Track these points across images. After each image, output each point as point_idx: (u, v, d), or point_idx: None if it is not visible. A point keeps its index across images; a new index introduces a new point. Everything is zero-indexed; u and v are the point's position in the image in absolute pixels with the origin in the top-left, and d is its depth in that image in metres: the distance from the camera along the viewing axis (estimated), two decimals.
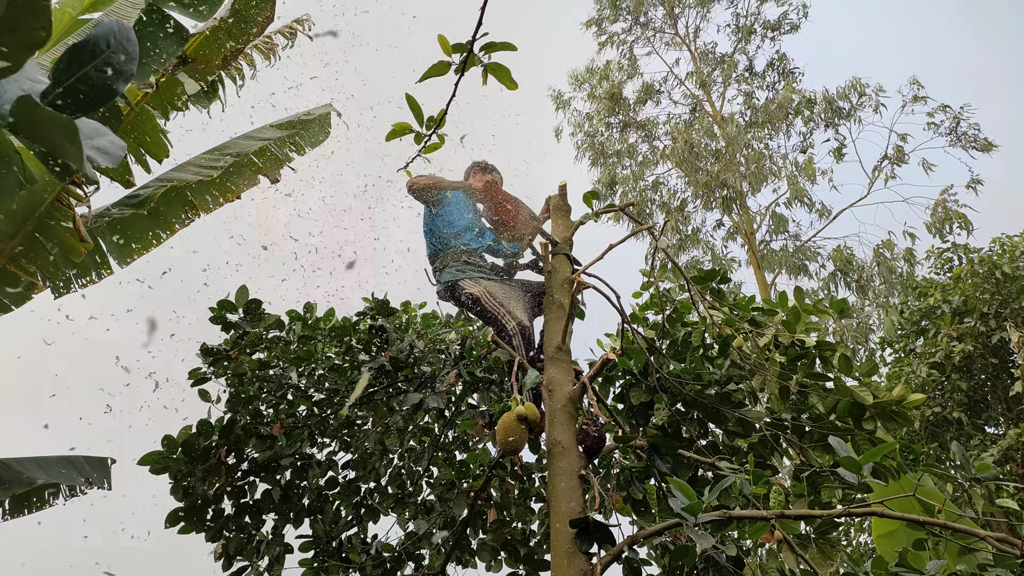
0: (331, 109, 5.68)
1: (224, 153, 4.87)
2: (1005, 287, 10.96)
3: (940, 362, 11.29)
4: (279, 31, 5.41)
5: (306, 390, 4.36)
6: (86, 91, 0.93)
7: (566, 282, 3.45)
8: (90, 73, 0.93)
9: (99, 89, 0.94)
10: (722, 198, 16.72)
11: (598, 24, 19.50)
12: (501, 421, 2.82)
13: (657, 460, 2.67)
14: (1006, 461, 10.05)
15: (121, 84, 0.95)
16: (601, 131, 18.53)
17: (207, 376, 4.15)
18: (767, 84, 18.23)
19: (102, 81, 0.95)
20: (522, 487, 4.23)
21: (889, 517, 2.25)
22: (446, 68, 2.00)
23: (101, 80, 0.95)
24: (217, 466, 3.96)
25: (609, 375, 3.84)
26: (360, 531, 4.22)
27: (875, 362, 3.41)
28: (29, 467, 3.80)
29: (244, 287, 4.30)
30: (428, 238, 4.12)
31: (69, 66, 0.93)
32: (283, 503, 4.11)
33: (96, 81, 0.94)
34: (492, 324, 3.70)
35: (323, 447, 4.43)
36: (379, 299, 4.41)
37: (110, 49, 0.95)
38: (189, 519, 3.92)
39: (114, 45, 0.95)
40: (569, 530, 2.39)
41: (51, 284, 4.25)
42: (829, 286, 16.10)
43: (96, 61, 0.94)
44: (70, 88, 0.92)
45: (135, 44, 0.99)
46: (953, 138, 15.66)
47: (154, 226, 4.68)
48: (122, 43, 0.96)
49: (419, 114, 2.15)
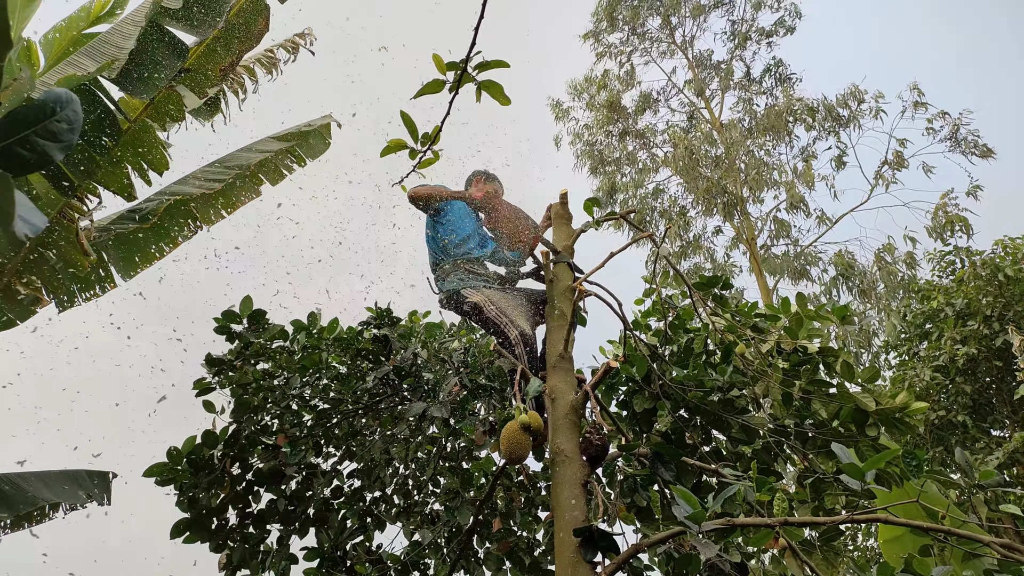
0: (331, 119, 5.72)
1: (226, 166, 4.91)
2: (1008, 289, 10.95)
3: (944, 365, 11.27)
4: (281, 45, 5.46)
5: (310, 400, 4.37)
6: (22, 155, 0.93)
7: (568, 290, 3.46)
8: (30, 137, 0.94)
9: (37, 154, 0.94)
10: (723, 204, 16.74)
11: (595, 36, 19.62)
12: (505, 430, 2.82)
13: (660, 468, 2.67)
14: (1012, 464, 10.02)
15: (58, 153, 0.95)
16: (600, 140, 18.61)
17: (211, 386, 4.16)
18: (765, 90, 18.28)
19: (40, 147, 0.95)
20: (527, 496, 4.23)
21: (894, 523, 2.25)
22: (440, 86, 2.02)
23: (39, 146, 0.95)
24: (222, 476, 3.97)
25: (612, 382, 3.84)
26: (365, 540, 4.22)
27: (877, 368, 3.41)
28: (33, 483, 3.81)
29: (248, 297, 4.31)
30: (430, 247, 4.13)
31: (10, 128, 0.93)
32: (288, 513, 4.12)
33: (35, 146, 0.94)
34: (494, 333, 3.71)
35: (328, 457, 4.44)
36: (382, 308, 4.42)
37: (54, 116, 0.96)
38: (194, 529, 3.92)
39: (59, 114, 0.95)
40: (573, 539, 2.39)
41: (55, 298, 4.28)
42: (831, 291, 16.10)
43: (37, 127, 0.95)
44: (6, 150, 0.92)
45: (80, 115, 0.98)
46: (952, 143, 15.69)
47: (157, 239, 4.71)
48: (67, 112, 0.96)
49: (413, 130, 2.17)
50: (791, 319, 3.48)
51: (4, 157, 0.93)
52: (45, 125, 0.96)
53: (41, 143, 0.95)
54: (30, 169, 0.95)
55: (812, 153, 17.24)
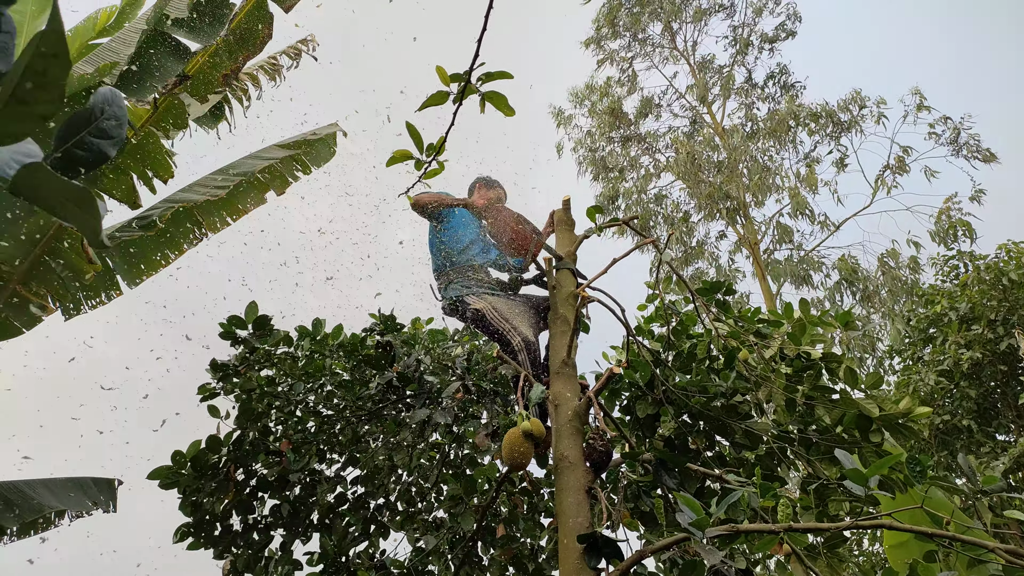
0: (337, 128, 5.74)
1: (231, 173, 4.93)
2: (1012, 293, 10.93)
3: (948, 369, 11.24)
4: (284, 52, 5.48)
5: (314, 406, 4.38)
6: (81, 156, 1.01)
7: (570, 297, 3.46)
8: (85, 138, 1.01)
9: (94, 153, 1.01)
10: (725, 209, 16.74)
11: (597, 43, 19.66)
12: (507, 437, 2.83)
13: (664, 474, 2.67)
14: (1018, 468, 9.98)
15: (112, 148, 1.03)
16: (603, 146, 18.63)
17: (216, 392, 4.18)
18: (768, 96, 18.31)
19: (96, 145, 1.02)
20: (531, 502, 4.23)
21: (898, 529, 2.25)
22: (444, 98, 2.04)
23: (95, 144, 1.02)
24: (226, 482, 3.98)
25: (615, 388, 3.85)
26: (370, 547, 4.22)
27: (880, 374, 3.40)
28: (39, 491, 3.83)
29: (253, 303, 4.33)
30: (433, 253, 4.14)
31: (67, 132, 1.00)
32: (292, 519, 4.12)
33: (91, 145, 1.01)
34: (497, 339, 3.71)
35: (332, 463, 4.44)
36: (385, 315, 4.44)
37: (103, 116, 1.03)
38: (198, 535, 3.93)
39: (107, 111, 1.03)
40: (577, 545, 2.40)
41: (61, 306, 4.30)
42: (834, 295, 16.08)
43: (91, 127, 1.02)
44: (67, 152, 1.00)
45: (124, 109, 1.06)
46: (954, 148, 15.70)
47: (163, 247, 4.73)
48: (113, 109, 1.04)
49: (419, 141, 2.19)
50: (794, 325, 3.48)
51: (66, 161, 1.00)
52: (97, 124, 1.02)
53: (96, 142, 1.02)
54: (89, 168, 1.03)
55: (815, 158, 17.25)
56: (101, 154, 1.01)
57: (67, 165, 0.99)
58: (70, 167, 0.99)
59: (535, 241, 3.99)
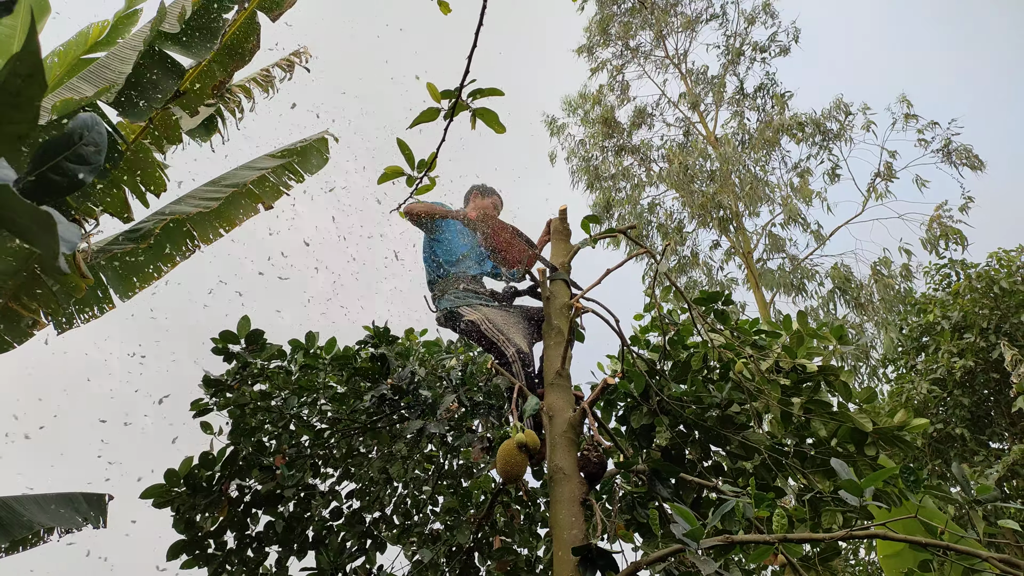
0: (328, 135, 5.74)
1: (223, 184, 4.92)
2: (1004, 302, 10.99)
3: (941, 378, 11.28)
4: (277, 64, 5.49)
5: (308, 419, 4.36)
6: (56, 180, 1.00)
7: (565, 307, 3.47)
8: (61, 163, 1.00)
9: (69, 178, 1.01)
10: (718, 219, 16.81)
11: (589, 51, 19.77)
12: (501, 449, 2.83)
13: (659, 485, 2.67)
14: (1011, 477, 10.00)
15: (88, 175, 1.02)
16: (596, 155, 18.70)
17: (209, 407, 4.15)
18: (758, 106, 18.42)
19: (72, 171, 1.01)
20: (527, 513, 4.22)
21: (893, 539, 2.25)
22: (435, 114, 2.05)
23: (71, 170, 1.01)
24: (219, 498, 3.95)
25: (610, 399, 3.85)
26: (366, 562, 4.19)
27: (873, 389, 3.41)
28: (29, 507, 3.79)
29: (246, 318, 4.32)
30: (427, 264, 4.14)
31: (44, 156, 1.00)
32: (287, 534, 4.09)
33: (66, 171, 1.01)
34: (491, 351, 3.71)
35: (326, 477, 4.42)
36: (379, 327, 4.43)
37: (82, 141, 1.02)
38: (192, 552, 3.90)
39: (86, 137, 1.02)
40: (572, 557, 2.39)
41: (53, 320, 4.28)
42: (828, 304, 16.13)
43: (68, 152, 1.01)
44: (41, 176, 0.99)
45: (104, 136, 1.05)
46: (944, 154, 15.82)
47: (155, 260, 4.71)
48: (92, 135, 1.03)
49: (410, 157, 2.19)
50: (791, 337, 3.48)
51: (39, 185, 0.99)
52: (75, 150, 1.02)
53: (72, 167, 1.02)
54: (63, 193, 1.02)
55: (807, 168, 17.36)
56: (76, 180, 1.01)
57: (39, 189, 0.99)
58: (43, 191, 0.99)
59: (528, 255, 3.99)
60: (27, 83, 0.89)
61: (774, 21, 18.73)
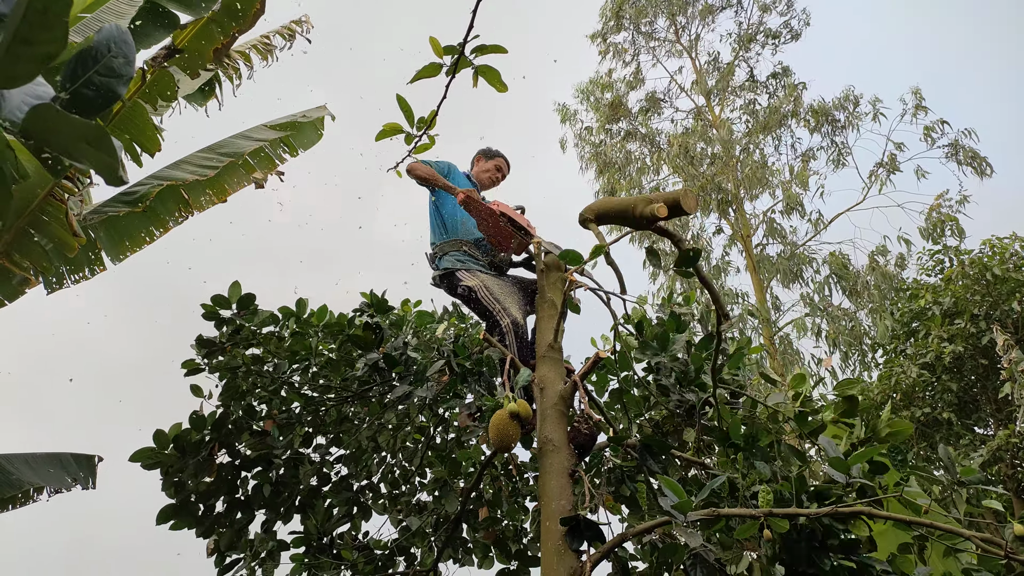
0: (325, 111, 5.69)
1: (219, 152, 4.88)
2: (995, 288, 11.05)
3: (930, 363, 11.37)
4: (277, 32, 5.42)
5: (300, 386, 4.36)
6: (91, 95, 0.98)
7: (559, 280, 3.46)
8: (93, 78, 0.98)
9: (103, 92, 0.99)
10: (717, 201, 16.78)
11: (602, 37, 19.62)
12: (493, 418, 2.83)
13: (648, 459, 2.68)
14: (995, 462, 10.13)
15: (122, 87, 1.00)
16: (604, 140, 18.63)
17: (200, 367, 4.13)
18: (769, 91, 18.34)
19: (104, 84, 0.99)
20: (514, 485, 4.24)
21: (877, 516, 2.28)
22: (437, 70, 2.01)
23: (103, 83, 0.99)
24: (209, 461, 3.95)
25: (602, 372, 3.85)
26: (352, 528, 4.22)
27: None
28: (19, 466, 3.80)
29: (237, 283, 4.29)
30: (432, 221, 4.13)
31: (75, 72, 0.98)
32: (274, 498, 4.11)
33: (99, 85, 0.99)
34: (485, 319, 3.71)
35: (316, 447, 4.42)
36: (376, 296, 4.41)
37: (110, 53, 1.00)
38: (181, 515, 3.91)
39: (114, 49, 1.00)
40: (559, 527, 2.41)
41: (44, 279, 4.25)
42: (823, 289, 16.18)
43: (98, 66, 0.99)
44: (76, 93, 0.97)
45: (132, 47, 1.03)
46: (951, 151, 15.79)
47: (148, 223, 4.68)
48: (120, 47, 1.01)
49: (409, 115, 2.16)
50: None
51: (75, 101, 0.97)
52: (104, 63, 1.00)
53: (104, 81, 0.99)
54: (100, 108, 1.00)
55: (811, 155, 17.33)
56: (111, 93, 0.99)
57: (77, 105, 0.97)
58: (80, 107, 0.97)
59: (519, 241, 3.92)
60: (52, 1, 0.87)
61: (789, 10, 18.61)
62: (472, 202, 3.81)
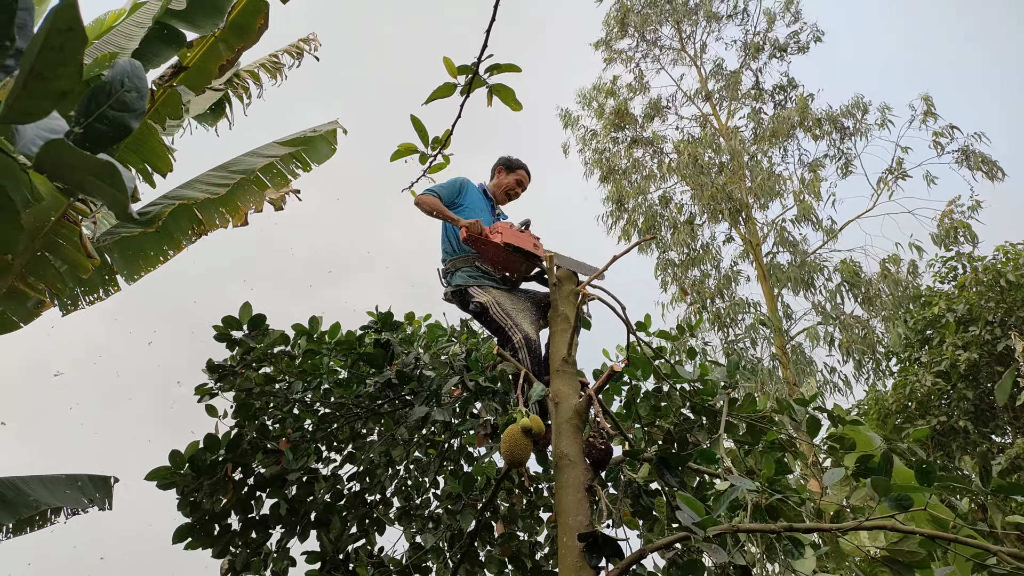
0: (337, 125, 5.72)
1: (231, 170, 4.91)
2: (1010, 295, 10.94)
3: (945, 371, 11.25)
4: (285, 50, 5.46)
5: (312, 404, 4.36)
6: (104, 129, 1.00)
7: (571, 294, 3.45)
8: (107, 112, 1.00)
9: (116, 126, 1.01)
10: (727, 210, 16.73)
11: (607, 44, 19.68)
12: (506, 434, 2.82)
13: (666, 473, 2.66)
14: (1014, 470, 9.99)
15: (134, 120, 1.02)
16: (609, 147, 18.63)
17: (214, 391, 4.15)
18: (776, 103, 18.32)
19: (117, 119, 1.01)
20: (529, 499, 4.22)
21: (900, 531, 2.24)
22: (451, 90, 2.01)
23: (116, 118, 1.01)
24: (224, 481, 3.95)
25: (616, 384, 3.84)
26: (367, 544, 4.20)
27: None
28: (36, 488, 3.81)
29: (247, 303, 4.30)
30: (443, 238, 4.14)
31: (88, 107, 1.00)
32: (290, 516, 4.10)
33: (112, 119, 1.01)
34: (498, 334, 3.71)
35: (329, 462, 4.42)
36: (383, 312, 4.41)
37: (123, 88, 1.02)
38: (196, 535, 3.91)
39: (127, 84, 1.02)
40: (577, 543, 2.39)
41: (59, 301, 4.27)
42: (835, 298, 16.06)
43: (111, 100, 1.01)
44: (89, 127, 0.99)
45: (145, 80, 1.06)
46: (961, 156, 15.71)
47: (161, 243, 4.70)
48: (134, 81, 1.03)
49: (424, 135, 2.17)
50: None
51: (88, 136, 1.00)
52: (117, 97, 1.02)
53: (117, 115, 1.02)
54: (112, 142, 1.03)
55: (820, 163, 17.27)
56: (123, 127, 1.01)
57: (90, 140, 0.99)
58: (93, 142, 0.99)
59: (524, 266, 3.94)
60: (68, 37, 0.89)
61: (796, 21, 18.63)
62: (474, 239, 3.82)
